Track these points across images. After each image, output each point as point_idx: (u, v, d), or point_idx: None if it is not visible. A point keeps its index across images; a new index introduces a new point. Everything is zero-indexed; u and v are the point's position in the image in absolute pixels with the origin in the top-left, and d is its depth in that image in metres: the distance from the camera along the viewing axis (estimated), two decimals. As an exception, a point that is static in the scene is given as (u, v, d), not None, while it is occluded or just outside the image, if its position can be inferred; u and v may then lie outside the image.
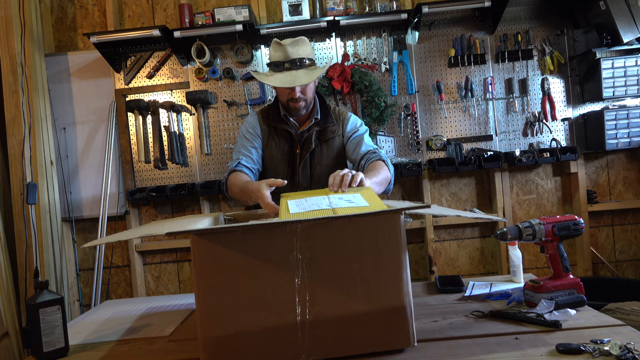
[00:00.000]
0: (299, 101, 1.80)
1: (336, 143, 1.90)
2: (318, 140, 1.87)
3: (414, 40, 2.87)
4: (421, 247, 3.05)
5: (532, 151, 2.82)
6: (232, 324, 0.97)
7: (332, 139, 1.89)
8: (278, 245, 0.98)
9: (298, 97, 1.79)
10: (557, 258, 1.26)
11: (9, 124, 2.64)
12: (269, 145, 1.90)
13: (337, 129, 1.90)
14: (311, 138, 1.86)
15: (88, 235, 3.05)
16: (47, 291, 1.17)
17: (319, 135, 1.88)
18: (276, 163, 1.89)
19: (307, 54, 1.79)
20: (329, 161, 1.88)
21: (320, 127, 1.87)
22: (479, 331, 1.10)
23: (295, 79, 1.74)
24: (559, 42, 2.90)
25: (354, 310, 0.99)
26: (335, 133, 1.89)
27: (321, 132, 1.88)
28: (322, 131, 1.88)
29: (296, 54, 1.76)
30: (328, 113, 1.91)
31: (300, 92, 1.78)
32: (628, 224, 3.01)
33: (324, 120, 1.88)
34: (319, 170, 1.87)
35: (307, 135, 1.86)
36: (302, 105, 1.82)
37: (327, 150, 1.88)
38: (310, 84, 1.80)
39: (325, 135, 1.88)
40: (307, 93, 1.81)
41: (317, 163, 1.87)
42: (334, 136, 1.89)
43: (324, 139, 1.88)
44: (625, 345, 0.91)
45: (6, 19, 2.62)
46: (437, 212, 1.16)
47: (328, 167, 1.86)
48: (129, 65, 2.96)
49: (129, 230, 1.79)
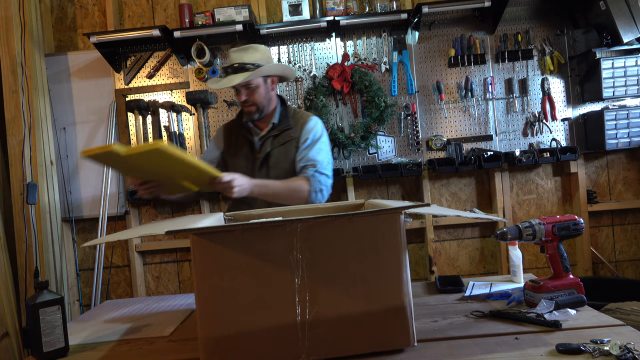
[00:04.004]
0: (247, 105, 1.87)
1: (292, 146, 1.92)
2: (274, 144, 1.92)
3: (414, 40, 2.87)
4: (421, 247, 3.05)
5: (532, 151, 2.82)
6: (232, 324, 0.97)
7: (288, 142, 1.92)
8: (278, 244, 0.98)
9: (245, 101, 1.86)
10: (557, 258, 1.26)
11: (9, 124, 2.64)
12: (232, 152, 1.99)
13: (294, 133, 1.93)
14: (268, 142, 1.92)
15: (88, 235, 3.05)
16: (47, 291, 1.17)
17: (275, 139, 1.93)
18: (239, 168, 1.96)
19: (254, 60, 1.84)
20: (286, 165, 1.91)
21: (277, 132, 1.93)
22: (479, 331, 1.10)
23: (229, 81, 1.82)
24: (559, 42, 2.90)
25: (354, 310, 0.99)
26: (292, 137, 1.92)
27: (278, 136, 1.93)
28: (279, 135, 1.93)
29: (239, 60, 1.84)
30: (286, 117, 1.96)
31: (246, 96, 1.86)
32: (628, 224, 3.01)
33: (281, 124, 1.94)
34: (275, 174, 1.91)
35: (266, 139, 1.93)
36: (254, 109, 1.88)
37: (284, 154, 1.92)
38: (258, 88, 1.86)
39: (283, 139, 1.92)
40: (255, 97, 1.87)
41: (273, 166, 1.92)
42: (291, 140, 1.92)
43: (281, 142, 1.92)
44: (625, 345, 0.91)
45: (6, 19, 2.62)
46: (437, 211, 1.16)
47: (286, 171, 1.90)
48: (129, 65, 2.96)
49: (129, 229, 1.80)
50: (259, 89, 1.87)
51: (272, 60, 1.92)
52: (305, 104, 2.89)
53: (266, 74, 1.87)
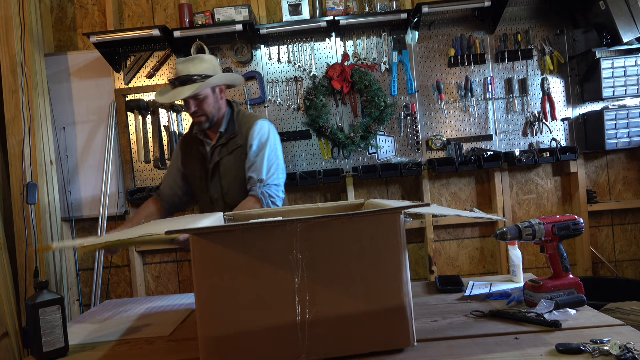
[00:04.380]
0: (197, 116, 1.87)
1: (240, 154, 1.92)
2: (223, 153, 1.93)
3: (414, 40, 2.87)
4: (421, 247, 3.05)
5: (532, 151, 2.82)
6: (232, 324, 0.97)
7: (236, 150, 1.92)
8: (278, 245, 0.98)
9: (194, 112, 1.85)
10: (557, 258, 1.26)
11: (9, 124, 2.63)
12: (188, 164, 2.02)
13: (241, 139, 1.92)
14: (217, 151, 1.93)
15: (88, 235, 3.04)
16: (47, 291, 1.17)
17: (224, 147, 1.93)
18: (194, 180, 2.01)
19: (201, 71, 1.83)
20: (237, 172, 1.92)
21: (225, 140, 1.93)
22: (479, 331, 1.10)
23: (178, 94, 1.81)
24: (559, 42, 2.90)
25: (354, 310, 0.99)
26: (238, 144, 1.92)
27: (226, 145, 1.93)
28: (227, 144, 1.93)
29: (185, 72, 1.83)
30: (232, 124, 1.95)
31: (195, 107, 1.85)
32: (628, 224, 3.01)
33: (227, 133, 1.94)
34: (227, 182, 1.93)
35: (215, 148, 1.94)
36: (203, 119, 1.88)
37: (234, 162, 1.92)
38: (207, 98, 1.86)
39: (231, 147, 1.92)
40: (204, 107, 1.86)
41: (224, 175, 1.93)
42: (237, 147, 1.92)
43: (229, 151, 1.92)
44: (625, 345, 0.91)
45: (6, 19, 2.62)
46: (437, 211, 1.16)
47: (237, 179, 1.91)
48: (129, 65, 2.96)
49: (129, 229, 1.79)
50: (208, 99, 1.86)
51: (219, 70, 1.92)
52: (305, 104, 2.89)
53: (214, 85, 1.87)
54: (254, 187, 1.84)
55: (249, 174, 1.87)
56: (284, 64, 2.93)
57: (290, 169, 2.92)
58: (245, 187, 1.91)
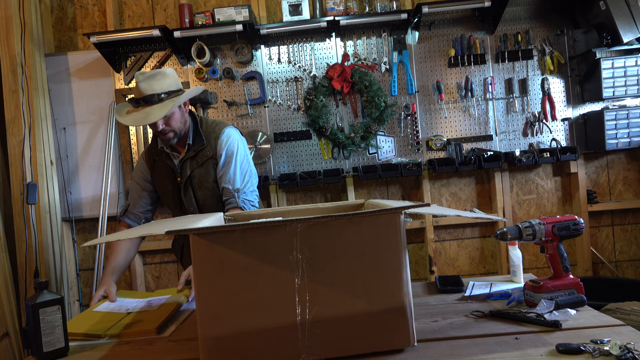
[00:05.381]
0: (166, 133, 1.80)
1: (211, 164, 1.90)
2: (193, 165, 1.89)
3: (414, 40, 2.87)
4: (421, 247, 3.05)
5: (532, 151, 2.82)
6: (232, 324, 0.97)
7: (206, 162, 1.89)
8: (278, 244, 0.97)
9: (162, 130, 1.78)
10: (557, 258, 1.26)
11: (9, 124, 2.63)
12: (156, 179, 1.96)
13: (209, 150, 1.89)
14: (187, 164, 1.89)
15: (88, 235, 3.05)
16: (47, 291, 1.17)
17: (193, 160, 1.89)
18: (164, 194, 1.96)
19: (164, 88, 1.75)
20: (210, 184, 1.90)
21: (194, 152, 1.89)
22: (479, 331, 1.10)
23: (147, 115, 1.72)
24: (559, 42, 2.90)
25: (354, 310, 0.99)
26: (208, 155, 1.89)
27: (195, 157, 1.89)
28: (195, 156, 1.89)
29: (150, 90, 1.72)
30: (199, 135, 1.90)
31: (163, 125, 1.77)
32: (628, 224, 3.01)
33: (196, 145, 1.90)
34: (202, 194, 1.90)
35: (184, 161, 1.90)
36: (172, 135, 1.82)
37: (205, 173, 1.90)
38: (174, 114, 1.79)
39: (200, 158, 1.89)
40: (172, 124, 1.80)
41: (197, 187, 1.90)
42: (207, 159, 1.89)
43: (199, 163, 1.89)
44: (625, 345, 0.91)
45: (6, 19, 2.62)
46: (436, 211, 1.16)
47: (210, 190, 1.90)
48: (129, 65, 2.96)
49: (128, 229, 1.79)
50: (175, 115, 1.80)
51: (180, 83, 1.84)
52: (305, 104, 2.89)
53: (182, 101, 1.81)
54: (232, 198, 1.83)
55: (224, 185, 1.85)
56: (284, 64, 2.93)
57: (290, 169, 2.92)
58: (219, 197, 1.90)
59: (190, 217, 1.55)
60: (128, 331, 1.30)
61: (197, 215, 1.57)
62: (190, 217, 1.54)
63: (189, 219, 1.36)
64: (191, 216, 1.61)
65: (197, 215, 1.66)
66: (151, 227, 1.23)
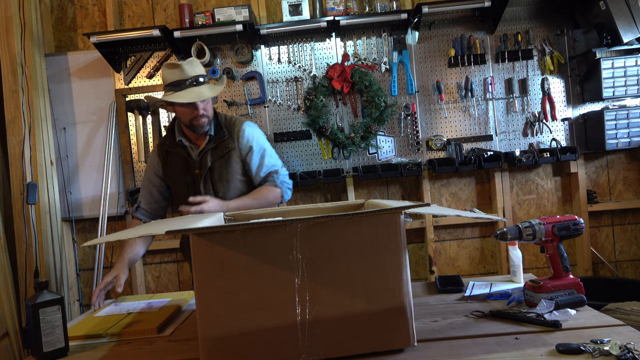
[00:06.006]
0: (203, 117, 1.82)
1: (233, 157, 1.90)
2: (214, 157, 1.89)
3: (414, 40, 2.87)
4: (421, 247, 3.05)
5: (532, 151, 2.82)
6: (232, 324, 0.97)
7: (227, 153, 1.89)
8: (278, 244, 0.98)
9: (202, 114, 1.81)
10: (557, 258, 1.26)
11: (9, 124, 2.64)
12: (169, 173, 1.94)
13: (232, 142, 1.90)
14: (207, 156, 1.89)
15: (88, 235, 3.05)
16: (47, 291, 1.17)
17: (214, 151, 1.89)
18: (179, 188, 1.94)
19: (202, 72, 1.84)
20: (230, 176, 1.89)
21: (214, 144, 1.89)
22: (479, 331, 1.10)
23: (200, 94, 1.77)
24: (559, 42, 2.90)
25: (354, 310, 0.99)
26: (229, 147, 1.89)
27: (216, 149, 1.89)
28: (216, 147, 1.89)
29: (194, 72, 1.80)
30: (220, 127, 1.92)
31: (203, 109, 1.81)
32: (628, 224, 3.01)
33: (217, 136, 1.90)
34: (222, 187, 1.89)
35: (204, 153, 1.89)
36: (206, 121, 1.85)
37: (226, 166, 1.89)
38: (210, 101, 1.86)
39: (221, 150, 1.89)
40: (208, 109, 1.84)
41: (217, 180, 1.89)
42: (229, 151, 1.89)
43: (220, 155, 1.89)
44: (625, 345, 0.91)
45: (6, 19, 2.62)
46: (436, 211, 1.16)
47: (230, 183, 1.89)
48: (129, 65, 2.96)
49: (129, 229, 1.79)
50: (210, 102, 1.87)
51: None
52: (305, 104, 2.89)
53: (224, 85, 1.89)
54: (269, 178, 1.88)
55: (262, 173, 1.90)
56: (284, 64, 2.93)
57: (290, 168, 2.92)
58: (239, 190, 1.91)
59: (190, 217, 1.55)
60: (129, 330, 1.30)
61: (197, 215, 1.57)
62: (190, 217, 1.54)
63: (189, 219, 1.36)
64: (191, 216, 1.61)
65: (197, 215, 1.65)
66: (151, 227, 1.23)
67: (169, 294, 1.73)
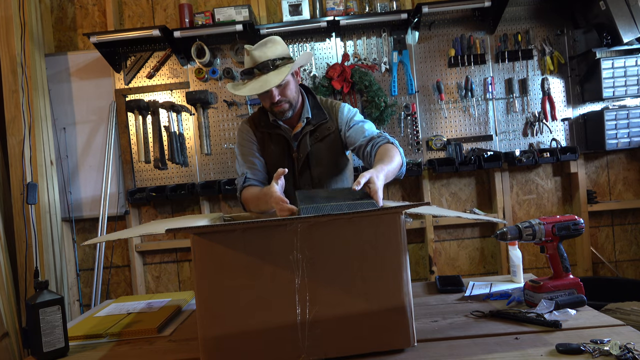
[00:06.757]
0: (282, 103, 1.67)
1: (332, 139, 1.79)
2: (313, 140, 1.78)
3: (414, 40, 2.87)
4: (421, 247, 3.05)
5: (532, 151, 2.82)
6: (232, 324, 0.97)
7: (327, 136, 1.78)
8: (278, 244, 0.97)
9: (278, 100, 1.66)
10: (557, 258, 1.26)
11: (9, 124, 2.64)
12: (265, 153, 1.82)
13: (332, 124, 1.79)
14: (306, 139, 1.76)
15: (88, 235, 3.05)
16: (47, 291, 1.17)
17: (313, 134, 1.78)
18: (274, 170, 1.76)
19: (278, 54, 1.65)
20: (328, 160, 1.80)
21: (313, 126, 1.77)
22: (479, 331, 1.10)
23: (265, 83, 1.62)
24: (559, 42, 2.90)
25: (354, 310, 0.99)
26: (330, 129, 1.79)
27: (315, 131, 1.78)
28: (315, 130, 1.78)
29: (264, 57, 1.63)
30: (320, 109, 1.80)
31: (279, 95, 1.65)
32: (628, 224, 3.01)
33: (316, 118, 1.78)
34: (319, 171, 1.79)
35: (302, 136, 1.77)
36: (287, 107, 1.70)
37: (325, 149, 1.79)
38: (289, 83, 1.67)
39: (321, 133, 1.78)
40: (287, 94, 1.67)
41: (316, 164, 1.78)
42: (329, 133, 1.79)
43: (320, 137, 1.78)
44: (625, 345, 0.91)
45: (6, 19, 2.62)
46: (436, 212, 1.16)
47: (328, 167, 1.80)
48: (129, 65, 2.96)
49: (128, 228, 1.79)
50: (290, 84, 1.68)
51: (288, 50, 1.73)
52: (305, 104, 2.89)
53: (300, 65, 1.69)
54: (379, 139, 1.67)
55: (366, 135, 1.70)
56: (284, 64, 2.93)
57: (290, 169, 2.92)
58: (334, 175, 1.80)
59: (190, 216, 1.55)
60: (128, 330, 1.30)
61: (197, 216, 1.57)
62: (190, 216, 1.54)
63: (189, 219, 1.36)
64: (191, 216, 1.61)
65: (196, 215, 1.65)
66: (151, 227, 1.23)
67: (169, 294, 1.73)
